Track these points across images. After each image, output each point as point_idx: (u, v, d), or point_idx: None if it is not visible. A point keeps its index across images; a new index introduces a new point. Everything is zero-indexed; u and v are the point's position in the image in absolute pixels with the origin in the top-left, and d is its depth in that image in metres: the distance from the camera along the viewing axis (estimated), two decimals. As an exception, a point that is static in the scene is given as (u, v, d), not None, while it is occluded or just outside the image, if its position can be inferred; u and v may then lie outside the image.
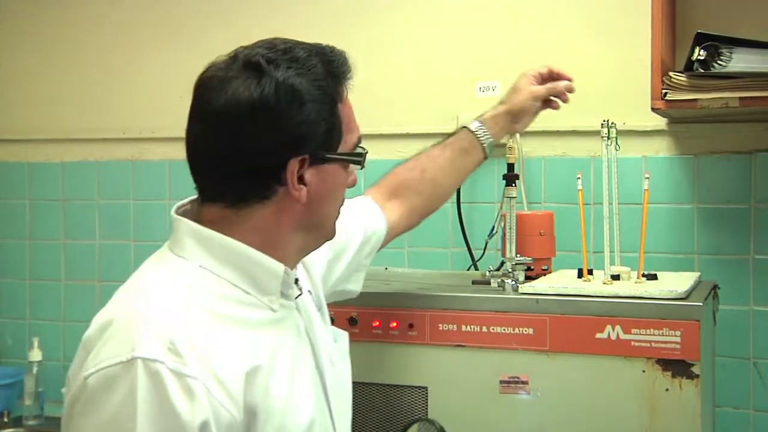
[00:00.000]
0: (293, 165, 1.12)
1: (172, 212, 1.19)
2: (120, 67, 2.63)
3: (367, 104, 2.23)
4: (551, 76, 1.72)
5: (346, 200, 1.52)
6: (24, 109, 2.74)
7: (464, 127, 1.69)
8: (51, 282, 2.70)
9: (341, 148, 1.18)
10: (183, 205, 1.21)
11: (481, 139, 1.66)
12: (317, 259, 1.41)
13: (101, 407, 0.98)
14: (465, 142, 1.66)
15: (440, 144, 1.68)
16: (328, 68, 1.16)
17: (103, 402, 0.98)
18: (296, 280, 1.24)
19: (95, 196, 2.66)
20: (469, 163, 1.68)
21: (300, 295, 1.24)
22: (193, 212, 1.18)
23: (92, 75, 2.66)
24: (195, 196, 1.20)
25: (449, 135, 1.72)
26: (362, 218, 1.55)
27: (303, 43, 1.17)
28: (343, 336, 1.40)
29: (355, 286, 1.58)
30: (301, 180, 1.13)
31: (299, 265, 1.30)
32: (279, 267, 1.16)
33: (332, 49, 1.19)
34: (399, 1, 2.36)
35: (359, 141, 1.22)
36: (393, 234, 1.62)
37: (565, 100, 1.72)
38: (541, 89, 1.70)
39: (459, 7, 2.29)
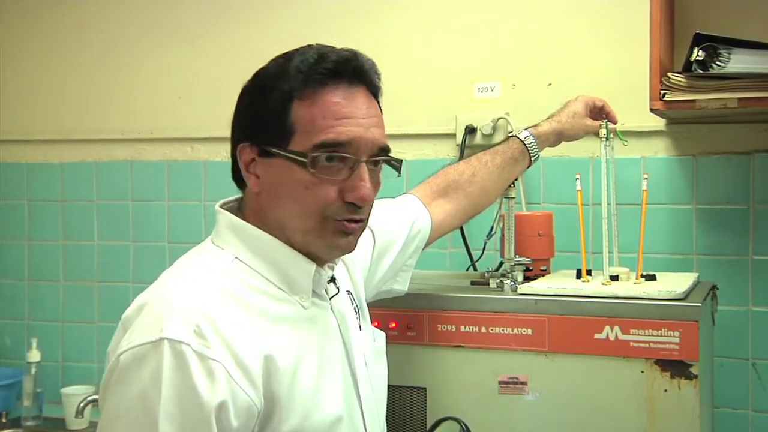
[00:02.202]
0: (243, 151, 1.20)
1: (216, 206, 1.25)
2: (119, 68, 2.63)
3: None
4: (601, 111, 1.79)
5: (392, 200, 1.57)
6: (23, 109, 2.74)
7: (515, 135, 1.74)
8: (50, 283, 2.69)
9: (294, 147, 1.16)
10: (228, 201, 1.27)
11: (531, 151, 1.71)
12: (360, 260, 1.44)
13: (131, 382, 1.05)
14: (516, 152, 1.71)
15: (491, 150, 1.72)
16: (303, 66, 1.17)
17: (132, 378, 1.05)
18: (333, 279, 1.28)
19: (94, 196, 2.66)
20: (516, 172, 1.73)
21: (336, 294, 1.28)
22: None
23: (91, 76, 2.66)
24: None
25: (500, 142, 1.77)
26: (407, 217, 1.58)
27: (322, 46, 1.20)
28: (381, 336, 1.43)
29: (402, 286, 1.60)
30: (254, 170, 1.20)
31: (340, 264, 1.34)
32: (310, 266, 1.20)
33: (331, 50, 1.20)
34: (398, 3, 2.36)
35: (323, 145, 1.15)
36: (438, 233, 1.64)
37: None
38: (595, 126, 1.76)
39: (458, 8, 2.30)
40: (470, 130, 2.24)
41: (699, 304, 1.55)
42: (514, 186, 1.77)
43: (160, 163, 2.59)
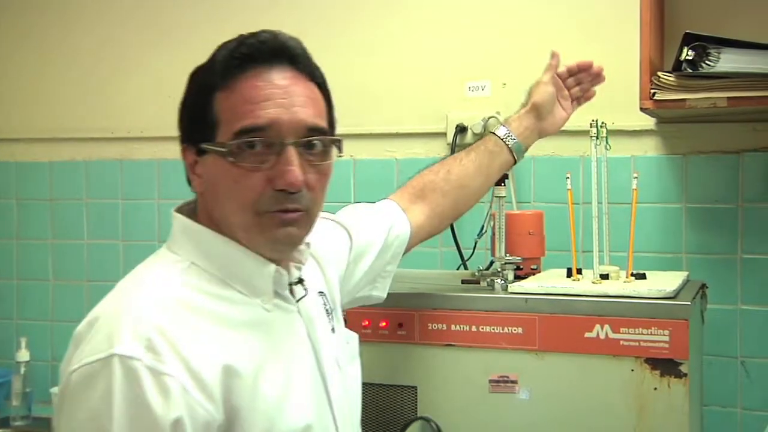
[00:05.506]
0: (185, 153, 1.16)
1: (172, 209, 1.20)
2: (109, 67, 2.62)
3: (357, 104, 2.24)
4: (579, 71, 1.74)
5: (370, 204, 1.53)
6: (12, 108, 2.73)
7: (492, 132, 1.70)
8: (39, 282, 2.68)
9: (218, 139, 1.11)
10: (188, 203, 1.22)
11: (506, 140, 1.67)
12: (336, 259, 1.41)
13: (82, 402, 1.00)
14: (490, 144, 1.67)
15: (466, 149, 1.69)
16: (221, 55, 1.14)
17: (83, 398, 1.00)
18: (301, 281, 1.22)
19: (83, 195, 2.65)
20: (496, 165, 1.67)
21: (305, 296, 1.23)
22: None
23: (81, 74, 2.65)
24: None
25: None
26: (383, 222, 1.54)
27: (247, 35, 1.15)
28: (354, 338, 1.39)
29: (381, 293, 1.57)
30: (198, 170, 1.16)
31: (313, 264, 1.29)
32: (270, 267, 1.15)
33: (251, 35, 1.15)
34: (389, 2, 2.36)
35: (242, 131, 1.10)
36: (418, 237, 1.61)
37: (587, 91, 1.75)
38: (569, 110, 1.72)
39: (449, 8, 2.30)
40: (461, 129, 2.24)
41: (688, 303, 1.55)
42: (504, 185, 1.77)
43: (150, 161, 2.58)
